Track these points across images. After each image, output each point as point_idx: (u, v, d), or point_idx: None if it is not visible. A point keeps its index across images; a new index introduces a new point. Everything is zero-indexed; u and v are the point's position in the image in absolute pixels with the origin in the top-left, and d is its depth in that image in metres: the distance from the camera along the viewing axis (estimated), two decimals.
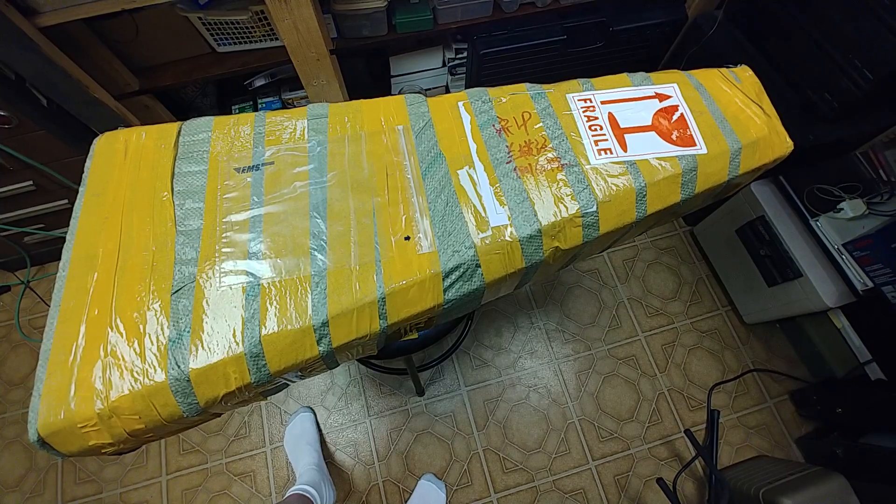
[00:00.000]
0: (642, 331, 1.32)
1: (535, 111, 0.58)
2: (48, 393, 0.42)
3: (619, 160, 0.55)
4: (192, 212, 0.50)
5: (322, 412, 1.20)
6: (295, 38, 0.88)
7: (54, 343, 0.44)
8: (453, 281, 0.49)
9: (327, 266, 0.47)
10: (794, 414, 1.23)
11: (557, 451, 1.18)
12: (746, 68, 0.67)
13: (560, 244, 0.52)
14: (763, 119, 0.61)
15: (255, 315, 0.45)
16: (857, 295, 0.98)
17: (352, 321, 0.46)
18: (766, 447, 1.19)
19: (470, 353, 1.27)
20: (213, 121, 0.56)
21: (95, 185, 0.52)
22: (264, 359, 0.44)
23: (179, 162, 0.53)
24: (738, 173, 0.59)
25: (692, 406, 1.24)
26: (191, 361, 0.43)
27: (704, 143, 0.57)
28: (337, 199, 0.51)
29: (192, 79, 1.04)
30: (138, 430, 0.44)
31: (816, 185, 1.06)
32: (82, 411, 0.41)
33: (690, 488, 1.15)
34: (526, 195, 0.52)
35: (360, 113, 0.57)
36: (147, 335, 0.44)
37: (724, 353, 1.30)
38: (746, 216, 1.18)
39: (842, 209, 1.02)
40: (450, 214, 0.50)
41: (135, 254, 0.48)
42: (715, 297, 1.37)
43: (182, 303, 0.45)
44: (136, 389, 0.42)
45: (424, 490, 1.09)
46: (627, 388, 1.25)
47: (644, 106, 0.59)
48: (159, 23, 0.93)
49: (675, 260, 1.42)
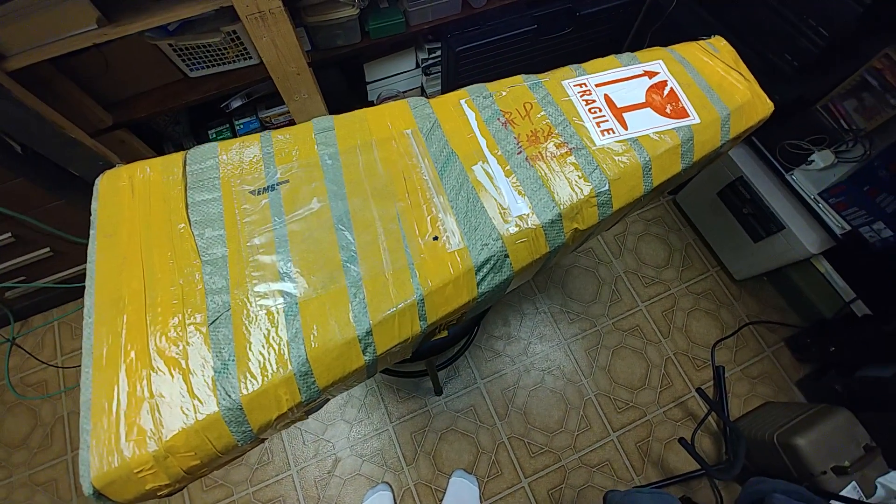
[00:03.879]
0: (642, 301, 1.37)
1: (536, 101, 0.59)
2: (97, 443, 0.41)
3: (622, 138, 0.57)
4: (213, 240, 0.50)
5: (343, 426, 1.19)
6: (274, 54, 0.87)
7: (94, 391, 0.43)
8: (485, 274, 0.50)
9: (362, 275, 0.47)
10: (792, 359, 1.30)
11: (579, 427, 1.21)
12: (720, 38, 0.71)
13: (579, 225, 0.54)
14: (745, 84, 0.64)
15: (298, 334, 0.45)
16: (836, 239, 1.05)
17: (394, 326, 0.47)
18: (771, 394, 1.26)
19: (481, 346, 1.29)
20: (217, 146, 0.56)
21: (106, 225, 0.51)
22: (313, 376, 0.45)
23: (191, 191, 0.52)
24: (729, 138, 0.62)
25: (698, 366, 1.29)
26: (241, 389, 0.42)
27: (696, 113, 0.60)
28: (359, 208, 0.51)
29: (167, 107, 1.01)
30: (194, 467, 0.43)
31: (787, 142, 1.12)
32: (137, 456, 0.41)
33: (708, 444, 1.20)
34: (542, 182, 0.53)
35: (365, 121, 0.57)
36: (191, 370, 0.43)
37: (720, 311, 1.36)
38: (726, 178, 1.24)
39: (813, 161, 1.08)
40: (473, 210, 0.51)
41: (162, 290, 0.47)
42: (704, 260, 1.43)
43: (221, 332, 0.45)
44: (189, 425, 0.41)
45: (457, 487, 1.10)
46: (636, 358, 1.29)
47: (636, 84, 0.62)
48: (128, 54, 0.90)
49: (663, 229, 1.48)
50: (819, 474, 0.90)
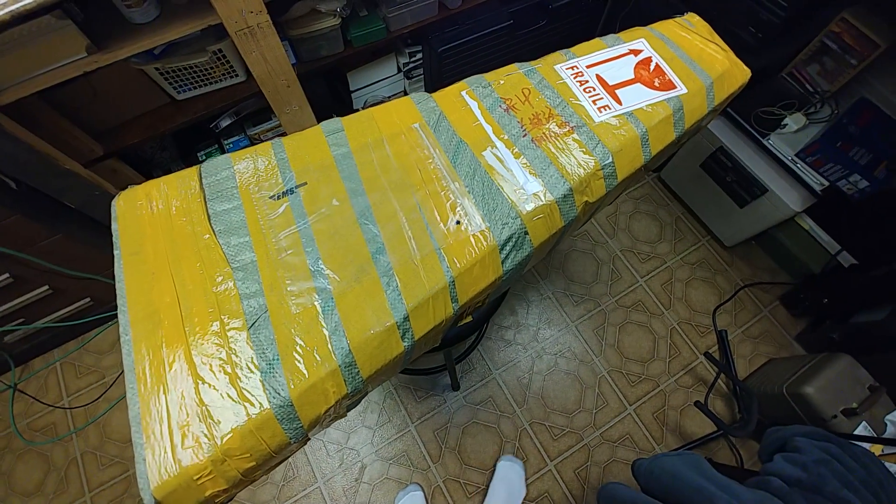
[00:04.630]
0: (641, 276, 1.41)
1: (533, 86, 0.62)
2: (153, 454, 0.41)
3: (619, 113, 0.60)
4: (240, 246, 0.50)
5: (365, 432, 1.19)
6: (264, 68, 0.88)
7: (142, 406, 0.43)
8: (508, 251, 0.52)
9: (392, 265, 0.49)
10: (788, 315, 1.35)
11: (596, 405, 1.23)
12: (693, 14, 0.75)
13: (588, 198, 0.57)
14: (722, 54, 0.68)
15: (338, 327, 0.46)
16: (816, 196, 1.10)
17: (429, 310, 0.48)
18: (773, 351, 1.31)
19: (492, 338, 1.31)
20: (230, 157, 0.57)
21: (130, 244, 0.51)
22: (357, 366, 0.46)
23: (211, 203, 0.53)
24: (714, 104, 0.66)
25: (701, 332, 1.34)
26: (290, 386, 0.43)
27: (683, 83, 0.64)
28: (379, 202, 0.53)
29: (157, 132, 1.01)
30: (250, 469, 0.43)
31: (760, 109, 1.18)
32: (195, 463, 0.41)
33: (720, 406, 1.24)
34: (550, 161, 0.56)
35: (373, 120, 0.59)
36: (237, 375, 0.44)
37: (715, 278, 1.41)
38: (707, 150, 1.29)
39: (786, 124, 1.14)
40: (489, 192, 0.53)
41: (196, 300, 0.48)
42: (695, 231, 1.48)
43: (262, 334, 0.45)
44: (242, 427, 0.42)
45: (504, 470, 1.12)
46: (642, 332, 1.33)
47: (624, 62, 0.65)
48: (115, 81, 0.89)
49: (652, 206, 1.53)
50: (830, 419, 0.94)
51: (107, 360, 1.27)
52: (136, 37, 0.77)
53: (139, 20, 0.78)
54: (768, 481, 0.56)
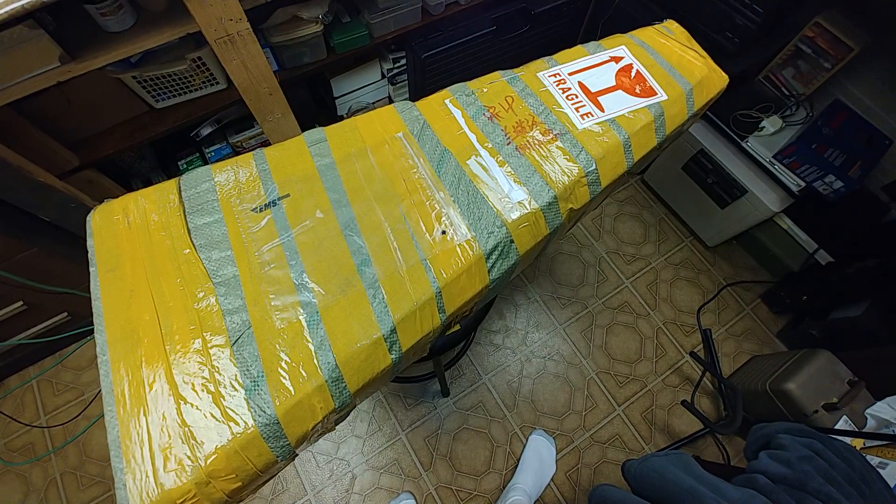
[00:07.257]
0: (626, 278, 1.43)
1: (516, 93, 0.62)
2: (133, 479, 0.40)
3: (601, 120, 0.61)
4: (222, 261, 0.49)
5: (355, 442, 1.18)
6: (245, 76, 0.86)
7: (121, 428, 0.42)
8: (494, 260, 0.52)
9: (377, 276, 0.48)
10: (770, 313, 1.39)
11: (585, 407, 1.24)
12: (672, 22, 0.77)
13: (573, 205, 0.57)
14: (701, 61, 0.70)
15: (324, 341, 0.45)
16: (794, 196, 1.13)
17: (416, 321, 0.48)
18: (756, 348, 1.34)
19: (481, 343, 1.31)
20: (210, 169, 0.55)
21: (106, 261, 0.50)
22: (344, 381, 0.45)
23: (191, 216, 0.52)
24: (694, 110, 0.67)
25: (686, 332, 1.36)
26: (275, 403, 0.42)
27: (663, 90, 0.65)
28: (364, 213, 0.52)
29: (135, 142, 0.99)
30: (235, 490, 0.42)
31: (738, 112, 1.21)
32: (177, 486, 0.40)
33: (707, 403, 1.26)
34: (534, 168, 0.56)
35: (356, 129, 0.59)
36: (221, 393, 0.43)
37: (699, 277, 1.44)
38: (688, 153, 1.31)
39: (764, 127, 1.17)
40: (474, 201, 0.53)
41: (176, 318, 0.46)
42: (678, 232, 1.51)
43: (246, 350, 0.45)
44: (227, 447, 0.41)
45: (536, 444, 1.15)
46: (629, 333, 1.34)
47: (605, 69, 0.66)
48: (90, 90, 0.87)
49: (636, 208, 1.55)
50: (812, 413, 0.96)
51: (86, 377, 1.23)
52: (111, 45, 0.75)
53: (115, 28, 0.76)
54: (754, 479, 0.57)
